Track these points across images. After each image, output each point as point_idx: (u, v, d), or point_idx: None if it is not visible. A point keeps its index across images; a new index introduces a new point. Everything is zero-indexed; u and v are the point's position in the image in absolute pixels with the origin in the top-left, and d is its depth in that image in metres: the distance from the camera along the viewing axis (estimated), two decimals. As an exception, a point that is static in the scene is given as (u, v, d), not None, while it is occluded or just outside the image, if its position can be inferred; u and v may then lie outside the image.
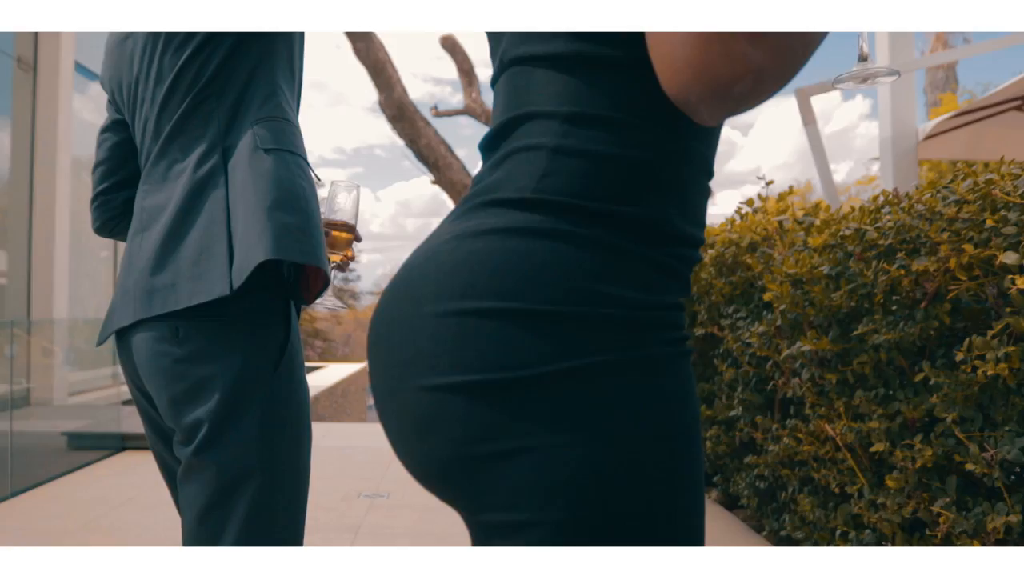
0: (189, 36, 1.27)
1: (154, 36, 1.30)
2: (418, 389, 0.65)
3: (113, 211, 1.51)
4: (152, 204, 1.29)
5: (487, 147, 0.73)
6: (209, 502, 1.21)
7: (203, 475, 1.21)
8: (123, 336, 1.33)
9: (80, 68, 7.91)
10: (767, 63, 0.57)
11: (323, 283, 1.30)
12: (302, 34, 1.44)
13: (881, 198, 2.22)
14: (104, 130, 1.52)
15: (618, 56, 0.65)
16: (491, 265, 0.64)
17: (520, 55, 0.70)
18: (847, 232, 2.25)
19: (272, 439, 1.23)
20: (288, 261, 1.21)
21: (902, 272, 1.98)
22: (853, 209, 2.38)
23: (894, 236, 2.03)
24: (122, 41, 1.38)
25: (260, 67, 1.32)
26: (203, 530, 1.23)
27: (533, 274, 0.64)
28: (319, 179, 1.38)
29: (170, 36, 1.28)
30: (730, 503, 3.79)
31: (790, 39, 0.57)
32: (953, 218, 1.83)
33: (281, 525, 1.26)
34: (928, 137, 6.07)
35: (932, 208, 1.89)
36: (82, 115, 8.17)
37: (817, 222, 2.63)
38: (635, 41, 0.64)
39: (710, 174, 0.73)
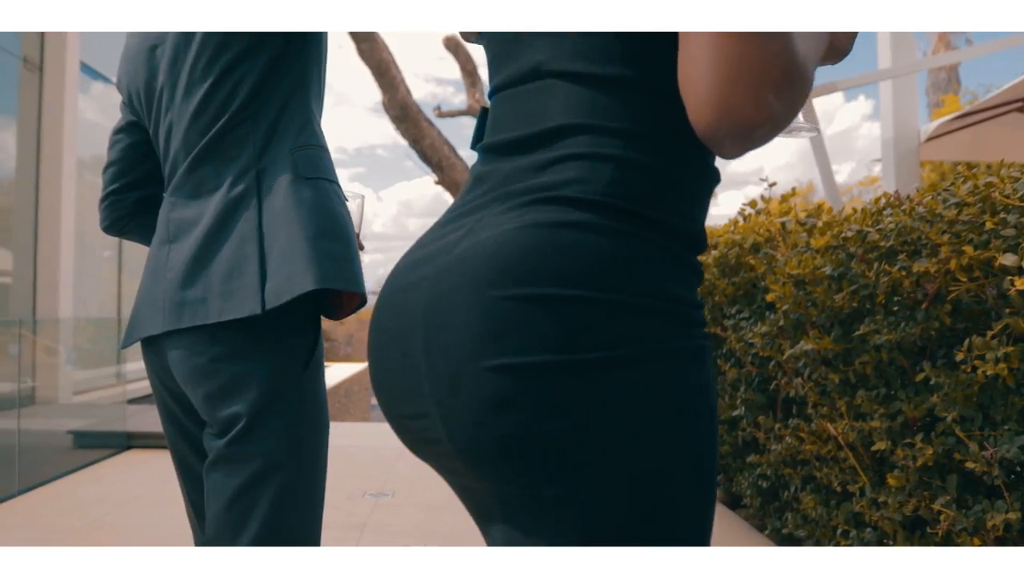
0: (220, 52, 1.31)
1: (185, 48, 1.34)
2: (485, 369, 0.68)
3: (123, 211, 1.55)
4: (181, 217, 1.35)
5: (511, 146, 0.77)
6: (238, 490, 1.27)
7: (235, 465, 1.27)
8: (151, 340, 1.39)
9: (85, 68, 7.94)
10: (784, 110, 0.64)
11: (359, 303, 1.37)
12: (326, 53, 1.48)
13: (883, 200, 2.25)
14: (118, 131, 1.57)
15: (672, 88, 0.71)
16: (556, 255, 0.68)
17: (571, 71, 0.75)
18: (849, 234, 2.27)
19: (299, 435, 1.30)
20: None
21: (903, 273, 2.01)
22: (855, 211, 2.40)
23: (895, 238, 2.06)
24: (150, 49, 1.41)
25: (296, 93, 1.37)
26: (229, 516, 1.28)
27: (596, 266, 0.69)
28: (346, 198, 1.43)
29: (201, 50, 1.32)
30: (733, 502, 3.82)
31: (804, 88, 0.65)
32: (953, 220, 1.86)
33: (302, 516, 1.31)
34: (930, 139, 6.08)
35: (933, 210, 1.92)
36: (86, 115, 8.21)
37: (819, 224, 2.65)
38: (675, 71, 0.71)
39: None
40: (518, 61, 0.79)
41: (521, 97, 0.78)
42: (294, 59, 1.37)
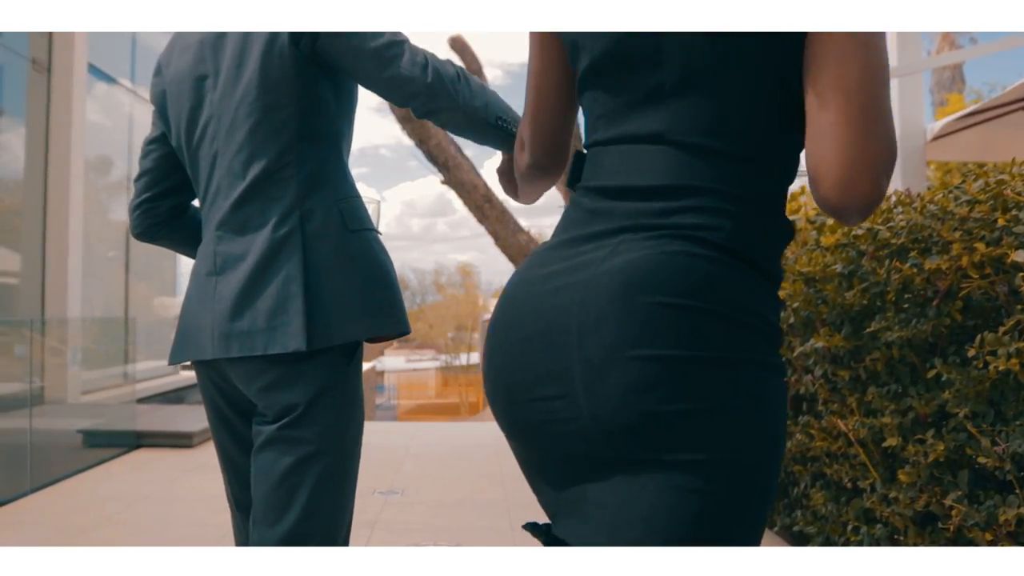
0: (264, 91, 1.44)
1: (234, 84, 1.46)
2: (632, 358, 0.85)
3: (157, 218, 1.67)
4: (227, 251, 1.47)
5: (628, 192, 0.95)
6: (287, 469, 1.41)
7: (287, 445, 1.42)
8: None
9: (93, 70, 7.97)
10: (888, 182, 0.85)
11: (400, 335, 1.52)
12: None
13: (893, 198, 2.26)
14: (151, 141, 1.66)
15: (772, 163, 0.94)
16: (689, 275, 0.87)
17: (689, 142, 0.92)
18: (859, 232, 2.29)
19: (343, 425, 1.47)
20: None
21: (915, 270, 2.02)
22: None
23: (907, 235, 2.08)
24: (199, 79, 1.51)
25: (334, 144, 1.53)
26: (276, 495, 1.42)
27: (718, 288, 0.88)
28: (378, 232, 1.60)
29: (248, 89, 1.44)
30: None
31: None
32: (965, 217, 1.87)
33: (339, 501, 1.47)
34: (936, 138, 6.07)
35: (944, 208, 1.94)
36: (92, 117, 8.23)
37: (829, 222, 2.67)
38: (779, 149, 0.95)
39: None
40: (633, 125, 0.97)
41: (638, 154, 0.95)
42: (334, 112, 1.51)
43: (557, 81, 1.12)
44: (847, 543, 2.52)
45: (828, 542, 2.72)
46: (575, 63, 1.05)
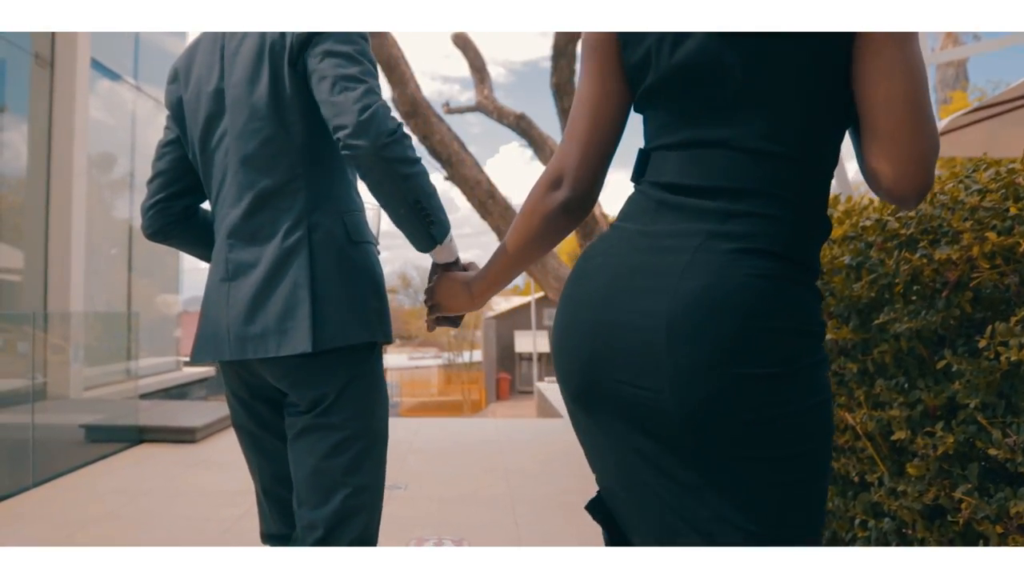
0: (275, 104, 1.52)
1: (247, 101, 1.55)
2: (726, 374, 0.97)
3: (171, 217, 1.75)
4: (239, 259, 1.56)
5: (694, 191, 1.05)
6: (325, 452, 1.54)
7: (322, 433, 1.55)
8: None
9: (96, 65, 7.96)
10: None
11: (385, 343, 1.64)
12: None
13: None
14: (165, 144, 1.73)
15: (822, 165, 1.07)
16: (770, 298, 1.00)
17: (753, 148, 1.03)
18: (867, 223, 2.27)
19: (370, 411, 1.59)
20: None
21: (924, 261, 2.00)
22: (872, 202, 2.40)
23: (916, 226, 2.06)
24: (218, 92, 1.59)
25: (340, 160, 1.60)
26: (319, 476, 1.54)
27: (790, 307, 1.01)
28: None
29: (258, 103, 1.53)
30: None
31: None
32: (976, 207, 1.85)
33: (374, 475, 1.60)
34: (941, 134, 6.04)
35: (955, 197, 1.92)
36: (96, 114, 8.22)
37: (837, 214, 2.65)
38: (827, 149, 1.07)
39: None
40: (698, 131, 1.07)
41: (702, 157, 1.06)
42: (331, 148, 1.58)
43: (616, 109, 1.16)
44: (854, 538, 2.50)
45: (835, 537, 2.70)
46: (638, 83, 1.13)
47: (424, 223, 1.45)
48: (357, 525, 1.55)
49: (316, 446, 1.54)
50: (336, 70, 1.42)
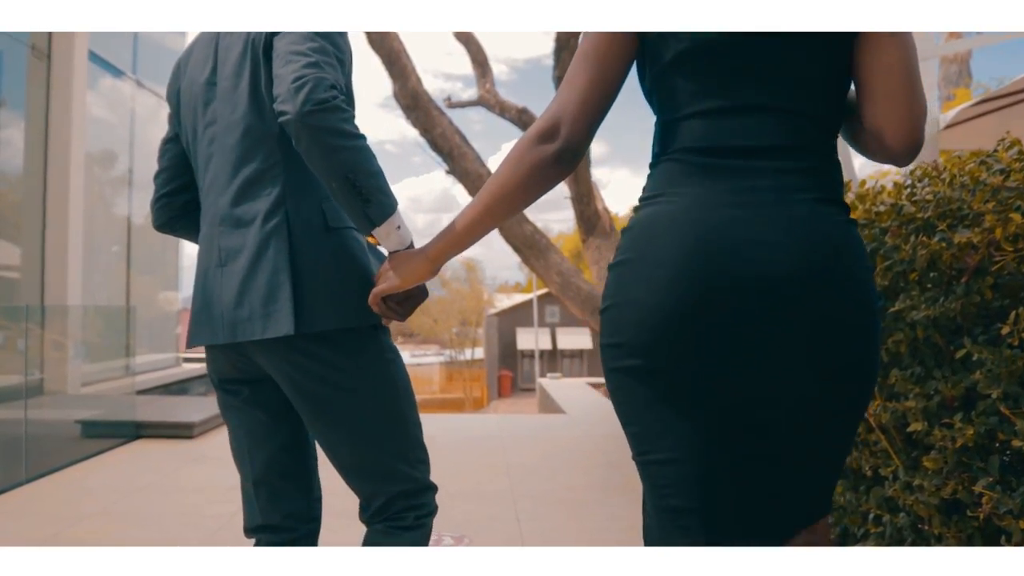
0: (255, 94, 1.57)
1: (232, 93, 1.60)
2: (858, 314, 1.12)
3: (175, 211, 1.81)
4: (227, 245, 1.60)
5: (749, 152, 1.12)
6: (335, 409, 1.60)
7: (330, 391, 1.59)
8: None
9: (94, 57, 7.89)
10: None
11: (372, 326, 1.64)
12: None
13: (918, 171, 2.16)
14: (166, 141, 1.80)
15: (837, 123, 1.21)
16: (860, 246, 1.16)
17: (789, 108, 1.13)
18: (881, 208, 2.19)
19: (380, 370, 1.63)
20: None
21: (943, 245, 1.92)
22: (884, 188, 2.33)
23: (933, 209, 1.97)
24: (209, 85, 1.64)
25: None
26: (331, 429, 1.61)
27: (863, 246, 1.17)
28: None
29: (239, 94, 1.58)
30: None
31: None
32: (998, 187, 1.77)
33: (389, 427, 1.65)
34: (948, 127, 5.96)
35: (976, 177, 1.83)
36: (94, 111, 8.15)
37: (849, 200, 2.57)
38: (838, 109, 1.20)
39: None
40: (738, 96, 1.13)
41: (749, 122, 1.12)
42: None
43: (623, 66, 1.19)
44: (866, 534, 2.42)
45: (846, 532, 2.62)
46: (658, 56, 1.16)
47: (358, 201, 1.42)
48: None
49: (328, 404, 1.59)
50: (288, 47, 1.45)
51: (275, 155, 1.57)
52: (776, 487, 1.13)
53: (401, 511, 1.62)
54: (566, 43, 7.93)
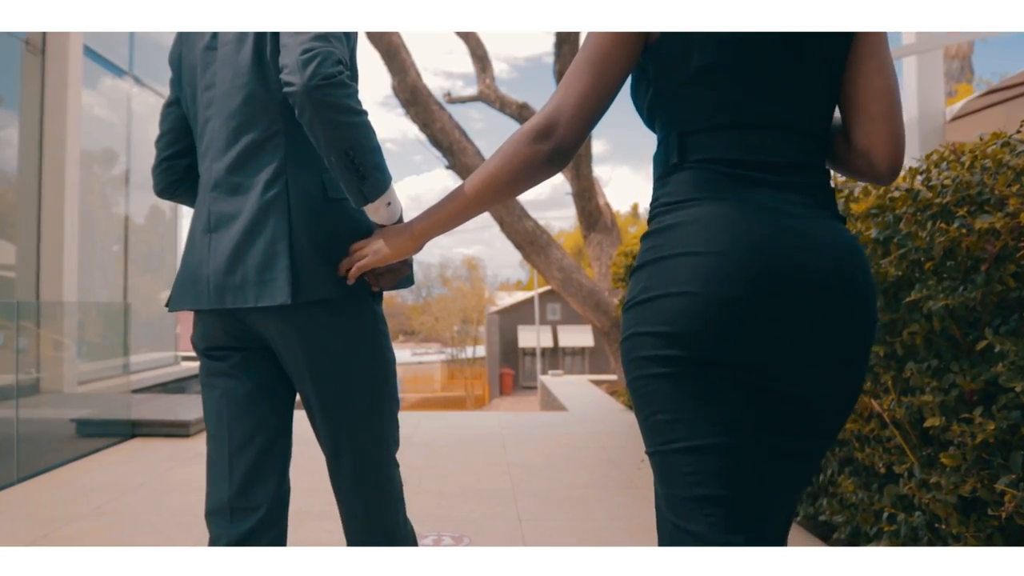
0: (258, 61, 1.56)
1: (234, 58, 1.59)
2: (874, 322, 1.18)
3: (176, 175, 1.79)
4: (221, 211, 1.59)
5: (764, 167, 1.15)
6: (332, 359, 1.61)
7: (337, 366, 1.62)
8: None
9: (89, 52, 7.80)
10: None
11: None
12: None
13: (935, 156, 2.07)
14: (168, 104, 1.78)
15: (839, 142, 1.27)
16: (866, 258, 1.21)
17: (807, 130, 1.17)
18: (896, 194, 2.10)
19: (369, 337, 1.63)
20: None
21: (963, 231, 1.83)
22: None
23: (952, 194, 1.89)
24: (209, 49, 1.64)
25: None
26: (324, 383, 1.62)
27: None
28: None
29: (242, 62, 1.58)
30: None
31: None
32: (1023, 170, 1.68)
33: (390, 416, 1.71)
34: (956, 118, 5.87)
35: (999, 160, 1.75)
36: (96, 111, 8.07)
37: (857, 191, 2.48)
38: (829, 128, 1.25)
39: None
40: (758, 114, 1.16)
41: (774, 137, 1.15)
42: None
43: (623, 73, 1.20)
44: (879, 533, 2.33)
45: (857, 532, 2.54)
46: (673, 69, 1.17)
47: (355, 176, 1.45)
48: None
49: (324, 355, 1.58)
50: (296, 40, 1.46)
51: (277, 123, 1.57)
52: (790, 482, 1.16)
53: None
54: (567, 38, 7.84)
